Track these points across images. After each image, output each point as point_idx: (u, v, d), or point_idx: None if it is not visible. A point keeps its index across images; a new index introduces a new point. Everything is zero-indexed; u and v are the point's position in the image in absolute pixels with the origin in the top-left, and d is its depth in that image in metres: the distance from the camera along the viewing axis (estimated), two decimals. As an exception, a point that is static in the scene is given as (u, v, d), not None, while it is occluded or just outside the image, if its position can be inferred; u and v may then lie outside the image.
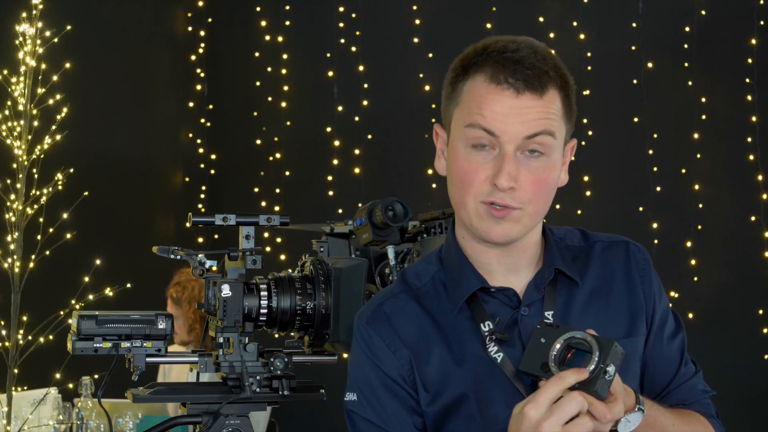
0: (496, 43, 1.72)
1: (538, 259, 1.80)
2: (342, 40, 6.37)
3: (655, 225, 6.12)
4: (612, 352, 1.57)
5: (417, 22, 6.35)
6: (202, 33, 6.55)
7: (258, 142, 6.47)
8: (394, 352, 1.76)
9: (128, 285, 4.61)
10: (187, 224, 2.50)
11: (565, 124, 1.73)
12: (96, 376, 3.95)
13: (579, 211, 5.99)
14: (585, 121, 5.97)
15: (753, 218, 6.06)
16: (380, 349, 1.77)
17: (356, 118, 6.35)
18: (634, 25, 6.21)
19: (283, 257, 6.23)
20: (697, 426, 1.80)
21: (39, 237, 4.47)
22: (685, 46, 6.19)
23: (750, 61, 6.11)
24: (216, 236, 6.31)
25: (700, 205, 6.13)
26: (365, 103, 6.35)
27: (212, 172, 6.55)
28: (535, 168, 1.69)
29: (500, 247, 1.75)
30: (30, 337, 4.31)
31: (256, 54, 6.50)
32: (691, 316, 5.89)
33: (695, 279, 6.06)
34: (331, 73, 6.37)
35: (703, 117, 6.16)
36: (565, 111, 1.73)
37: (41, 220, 4.47)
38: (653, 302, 1.82)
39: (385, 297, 1.82)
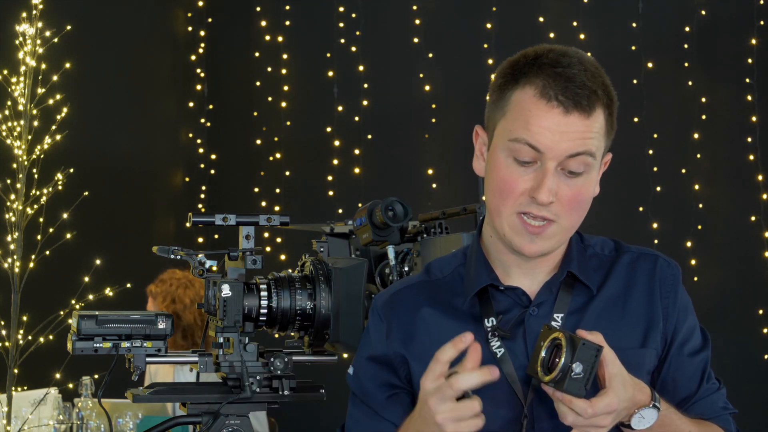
0: (548, 54, 1.73)
1: (557, 263, 1.82)
2: (342, 40, 6.37)
3: (655, 225, 6.12)
4: (580, 350, 1.58)
5: (417, 22, 6.35)
6: (202, 33, 6.55)
7: (258, 142, 6.47)
8: (388, 338, 1.84)
9: (128, 285, 4.60)
10: (187, 224, 2.50)
11: (605, 141, 1.76)
12: (96, 376, 3.94)
13: (579, 211, 5.97)
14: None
15: (753, 218, 6.06)
16: (378, 334, 1.85)
17: (356, 118, 6.34)
18: (634, 25, 6.21)
19: (283, 257, 6.23)
20: None
21: (39, 237, 4.46)
22: (685, 46, 6.19)
23: (750, 61, 6.11)
24: (216, 236, 6.31)
25: (700, 205, 6.13)
26: (365, 103, 6.34)
27: (212, 172, 6.54)
28: (574, 184, 1.72)
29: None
30: (30, 337, 4.30)
31: (256, 54, 6.50)
32: (691, 316, 5.88)
33: (695, 279, 6.05)
34: (331, 73, 6.37)
35: (703, 117, 6.16)
36: (607, 129, 1.75)
37: (41, 220, 4.46)
38: (675, 318, 1.82)
39: (403, 285, 1.90)
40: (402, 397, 1.84)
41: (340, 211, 6.17)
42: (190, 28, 6.57)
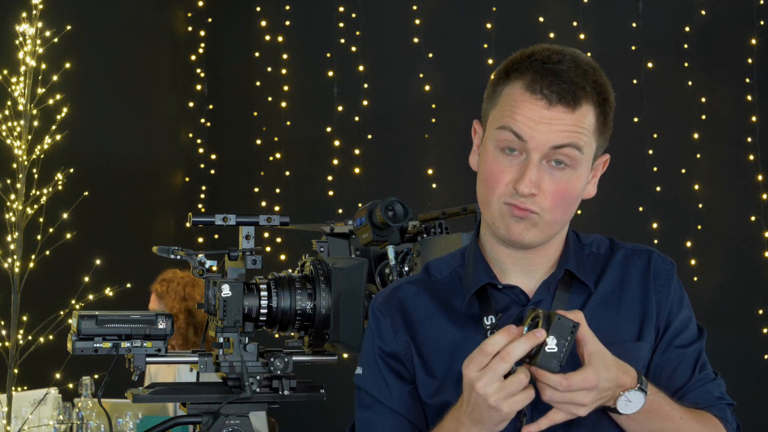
0: (542, 52, 1.76)
1: (554, 262, 1.83)
2: (342, 40, 6.37)
3: (655, 225, 6.12)
4: (555, 325, 1.59)
5: (417, 22, 6.35)
6: (202, 33, 6.55)
7: (258, 142, 6.47)
8: (395, 333, 1.85)
9: (128, 285, 4.61)
10: (187, 224, 2.50)
11: (597, 139, 1.77)
12: (96, 376, 3.95)
13: (579, 211, 5.97)
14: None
15: (753, 218, 6.06)
16: (385, 330, 1.85)
17: (356, 118, 6.35)
18: (634, 25, 6.21)
19: (283, 257, 6.23)
20: (707, 426, 1.77)
21: (39, 237, 4.47)
22: (685, 46, 6.19)
23: (750, 61, 6.11)
24: (216, 236, 6.31)
25: (700, 205, 6.13)
26: (365, 103, 6.34)
27: (212, 172, 6.54)
28: (559, 179, 1.74)
29: (518, 248, 1.79)
30: (30, 337, 4.31)
31: (256, 54, 6.50)
32: (691, 316, 5.88)
33: (695, 279, 6.06)
34: (331, 73, 6.37)
35: (703, 117, 6.16)
36: (599, 127, 1.76)
37: (41, 220, 4.47)
38: (668, 310, 1.83)
39: (402, 282, 1.92)
40: (416, 394, 1.84)
41: (340, 211, 6.17)
42: (190, 28, 6.57)
